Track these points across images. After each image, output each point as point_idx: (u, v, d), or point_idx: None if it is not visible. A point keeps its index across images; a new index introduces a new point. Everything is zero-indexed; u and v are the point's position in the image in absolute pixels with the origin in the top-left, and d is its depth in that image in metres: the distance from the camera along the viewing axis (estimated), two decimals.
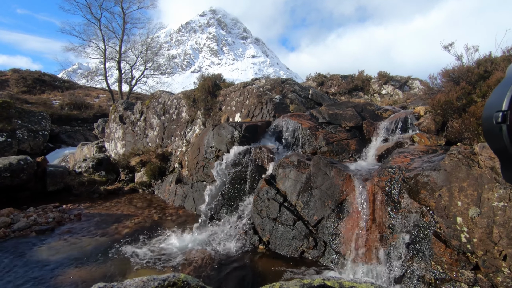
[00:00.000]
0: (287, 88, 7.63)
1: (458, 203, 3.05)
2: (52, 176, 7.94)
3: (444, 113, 4.51)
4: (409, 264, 3.23)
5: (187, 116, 8.78)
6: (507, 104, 0.50)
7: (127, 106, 11.57)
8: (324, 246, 3.95)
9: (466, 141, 4.08)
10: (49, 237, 5.00)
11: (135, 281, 1.61)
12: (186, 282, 1.67)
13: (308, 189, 4.29)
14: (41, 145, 12.99)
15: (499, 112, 0.50)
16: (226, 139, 5.96)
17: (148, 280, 1.61)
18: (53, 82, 27.01)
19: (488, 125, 0.52)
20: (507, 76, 0.53)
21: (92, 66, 30.36)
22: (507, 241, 2.68)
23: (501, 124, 0.50)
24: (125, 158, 9.41)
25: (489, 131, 0.53)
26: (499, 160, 0.54)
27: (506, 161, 0.52)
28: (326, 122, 5.97)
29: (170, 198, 7.26)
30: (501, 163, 0.53)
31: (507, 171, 0.52)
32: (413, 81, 10.67)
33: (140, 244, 4.61)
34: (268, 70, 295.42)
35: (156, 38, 25.18)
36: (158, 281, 1.60)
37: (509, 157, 0.50)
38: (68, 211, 6.41)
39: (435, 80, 5.52)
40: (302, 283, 1.65)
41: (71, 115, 18.59)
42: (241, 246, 4.41)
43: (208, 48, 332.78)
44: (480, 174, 2.99)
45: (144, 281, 1.60)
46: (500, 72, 4.38)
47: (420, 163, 3.66)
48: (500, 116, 0.50)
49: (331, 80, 12.05)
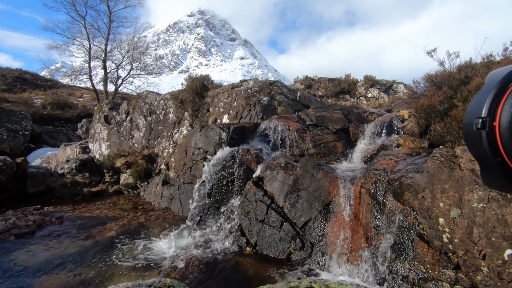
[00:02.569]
0: (275, 90, 7.67)
1: (440, 205, 3.14)
2: (33, 178, 7.68)
3: (427, 116, 4.64)
4: (393, 264, 3.30)
5: (174, 117, 8.68)
6: (486, 111, 0.52)
7: (112, 106, 11.34)
8: (311, 248, 3.98)
9: (448, 144, 4.20)
10: (29, 241, 4.83)
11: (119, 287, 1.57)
12: (172, 286, 1.65)
13: (296, 191, 4.32)
14: (21, 145, 12.57)
15: (479, 119, 0.52)
16: (214, 141, 5.92)
17: (133, 285, 1.58)
18: (35, 81, 26.22)
19: (469, 130, 0.54)
20: (487, 83, 0.55)
21: (76, 64, 29.69)
22: (486, 241, 2.78)
23: (481, 130, 0.52)
24: (110, 159, 9.21)
25: (469, 137, 0.54)
26: (479, 165, 0.56)
27: (485, 166, 0.54)
28: (314, 124, 6.03)
29: (156, 200, 7.15)
30: (480, 168, 0.55)
31: (486, 175, 0.54)
32: (397, 85, 10.93)
33: (124, 248, 4.52)
34: (256, 72, 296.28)
35: (143, 38, 24.85)
36: (144, 287, 1.56)
37: (488, 162, 0.52)
38: (50, 214, 6.21)
39: (418, 84, 5.68)
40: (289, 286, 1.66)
41: (53, 114, 18.06)
42: (228, 248, 4.39)
43: (196, 48, 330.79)
44: (461, 176, 3.09)
45: (128, 286, 1.57)
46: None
47: (404, 165, 3.75)
48: (480, 122, 0.52)
49: (319, 83, 12.20)
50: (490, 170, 0.53)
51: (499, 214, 2.74)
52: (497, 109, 0.51)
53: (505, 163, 0.50)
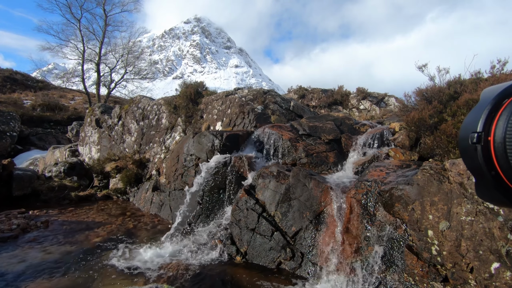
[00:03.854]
0: (269, 99, 7.72)
1: (429, 217, 3.18)
2: (19, 180, 7.50)
3: (418, 129, 4.73)
4: (383, 276, 3.30)
5: (167, 123, 8.64)
6: (481, 126, 0.54)
7: (104, 110, 11.23)
8: (301, 258, 3.96)
9: (437, 157, 4.28)
10: (11, 245, 4.68)
11: None
12: None
13: (287, 200, 4.32)
14: (8, 146, 12.28)
15: (474, 133, 0.54)
16: (207, 148, 5.90)
17: None
18: (26, 81, 25.82)
19: (464, 144, 0.56)
20: (482, 99, 0.57)
21: (69, 67, 29.32)
22: (473, 254, 2.81)
23: (476, 144, 0.54)
24: (99, 164, 9.07)
25: (465, 151, 0.56)
26: (474, 178, 0.57)
27: (480, 180, 0.55)
28: (306, 134, 6.08)
29: (146, 206, 7.04)
30: (475, 181, 0.57)
31: (481, 188, 0.56)
32: (389, 98, 11.14)
33: (112, 254, 4.41)
34: (250, 80, 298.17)
35: (138, 42, 24.84)
36: None
37: (483, 176, 0.54)
38: (35, 218, 6.05)
39: (409, 98, 5.80)
40: None
41: (43, 116, 17.74)
42: (218, 257, 4.34)
43: (191, 55, 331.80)
44: (450, 189, 3.14)
45: None
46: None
47: (395, 177, 3.79)
48: (475, 137, 0.54)
49: (312, 93, 12.34)
50: (485, 183, 0.54)
51: (486, 227, 2.79)
52: (491, 124, 0.53)
53: (499, 176, 0.52)
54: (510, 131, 0.50)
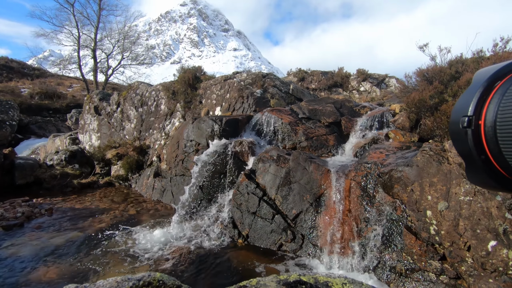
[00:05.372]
0: (268, 83, 7.64)
1: (428, 197, 3.21)
2: (21, 169, 7.54)
3: (418, 111, 4.69)
4: (382, 255, 3.37)
5: (166, 109, 8.59)
6: (472, 110, 0.53)
7: (103, 97, 11.14)
8: (302, 239, 4.03)
9: (437, 138, 4.27)
10: (17, 233, 4.77)
11: (109, 282, 1.57)
12: (162, 281, 1.65)
13: (287, 184, 4.35)
14: (8, 136, 12.28)
15: (465, 117, 0.53)
16: (206, 133, 5.89)
17: (122, 280, 1.58)
18: (22, 69, 25.52)
19: (455, 128, 0.55)
20: (474, 82, 0.56)
21: (65, 53, 28.88)
22: (471, 233, 2.86)
23: (467, 128, 0.53)
24: (100, 151, 9.09)
25: (456, 135, 0.55)
26: (464, 162, 0.57)
27: (470, 164, 0.55)
28: (306, 117, 6.05)
29: (147, 192, 7.12)
30: (465, 165, 0.57)
31: (471, 172, 0.56)
32: (390, 79, 11.01)
33: (115, 240, 4.50)
34: (249, 63, 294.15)
35: (134, 27, 24.29)
36: (133, 281, 1.56)
37: (473, 160, 0.53)
38: (39, 206, 6.13)
39: (410, 79, 5.73)
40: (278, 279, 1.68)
41: (42, 104, 17.65)
42: (220, 240, 4.42)
43: (188, 39, 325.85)
44: (449, 170, 3.15)
45: (118, 281, 1.56)
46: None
47: (395, 159, 3.80)
48: (466, 121, 0.53)
49: (312, 76, 12.19)
50: (475, 167, 0.54)
51: (485, 207, 2.82)
52: (483, 108, 0.52)
53: (489, 161, 0.51)
54: (501, 114, 0.49)
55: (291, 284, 1.66)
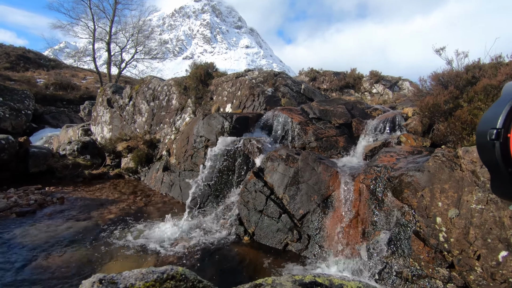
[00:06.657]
0: (279, 82, 7.62)
1: (438, 204, 3.16)
2: (35, 158, 7.73)
3: (431, 115, 4.62)
4: (388, 260, 3.34)
5: (177, 104, 8.66)
6: (501, 123, 0.52)
7: (115, 90, 11.30)
8: (308, 240, 4.03)
9: (450, 144, 4.20)
10: (30, 220, 4.90)
11: (134, 273, 1.64)
12: (184, 275, 1.70)
13: (295, 183, 4.35)
14: (23, 124, 12.58)
15: (494, 129, 0.53)
16: (216, 129, 5.93)
17: (147, 272, 1.64)
18: (38, 60, 26.07)
19: (482, 140, 0.55)
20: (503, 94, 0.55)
21: (80, 46, 29.35)
22: (482, 241, 2.81)
23: (495, 140, 0.52)
24: (111, 143, 9.24)
25: (482, 146, 0.55)
26: (489, 174, 0.56)
27: (496, 175, 0.54)
28: (317, 117, 6.02)
29: (156, 186, 7.21)
30: (491, 177, 0.56)
31: (496, 184, 0.55)
32: (403, 82, 10.84)
33: (124, 231, 4.58)
34: (261, 61, 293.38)
35: (148, 21, 24.48)
36: (157, 274, 1.63)
37: (500, 172, 0.53)
38: (51, 194, 6.28)
39: (425, 82, 5.63)
40: (294, 279, 1.70)
41: (56, 95, 18.00)
42: (226, 236, 4.45)
43: (201, 35, 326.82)
44: (462, 177, 3.10)
45: (143, 273, 1.63)
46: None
47: (405, 163, 3.75)
48: (494, 133, 0.52)
49: (324, 76, 12.10)
50: (501, 179, 0.54)
51: (497, 216, 2.77)
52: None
53: None
54: None
55: (307, 285, 1.68)
